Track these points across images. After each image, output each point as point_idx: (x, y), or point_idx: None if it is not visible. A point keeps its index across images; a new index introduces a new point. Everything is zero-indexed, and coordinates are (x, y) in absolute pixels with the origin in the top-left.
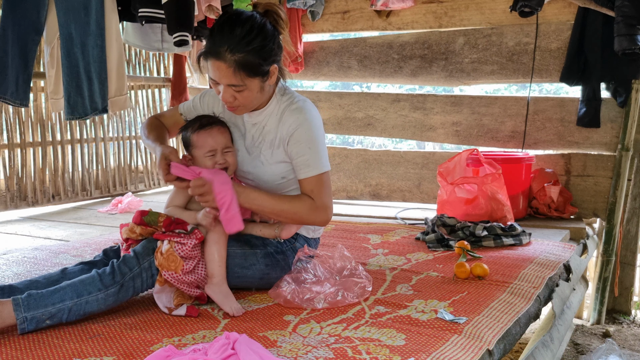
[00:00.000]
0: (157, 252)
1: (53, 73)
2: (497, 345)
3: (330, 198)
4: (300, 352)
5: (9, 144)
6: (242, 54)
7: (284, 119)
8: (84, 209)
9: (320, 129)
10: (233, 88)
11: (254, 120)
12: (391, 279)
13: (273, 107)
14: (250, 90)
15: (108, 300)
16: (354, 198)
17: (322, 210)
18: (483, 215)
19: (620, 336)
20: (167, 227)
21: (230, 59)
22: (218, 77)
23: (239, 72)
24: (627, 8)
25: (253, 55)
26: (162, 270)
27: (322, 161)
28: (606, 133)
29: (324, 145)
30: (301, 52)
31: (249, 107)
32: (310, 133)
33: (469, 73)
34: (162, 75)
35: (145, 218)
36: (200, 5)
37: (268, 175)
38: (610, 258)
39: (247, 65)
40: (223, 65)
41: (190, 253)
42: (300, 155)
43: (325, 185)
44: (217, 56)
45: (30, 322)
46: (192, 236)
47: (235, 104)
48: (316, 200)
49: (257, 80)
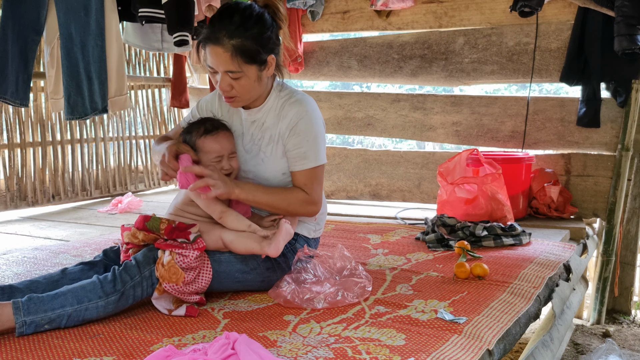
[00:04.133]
0: (158, 264)
1: (53, 73)
2: (497, 345)
3: (322, 191)
4: (300, 352)
5: (9, 144)
6: (240, 39)
7: (283, 112)
8: (84, 209)
9: (319, 122)
10: (230, 75)
11: (253, 118)
12: (391, 279)
13: (272, 103)
14: (248, 78)
15: (108, 308)
16: (354, 198)
17: (314, 204)
18: (483, 215)
19: (620, 336)
20: (169, 235)
21: (228, 43)
22: (216, 63)
23: (236, 58)
24: (627, 8)
25: (251, 41)
26: (163, 282)
27: (319, 154)
28: (606, 133)
29: (324, 139)
30: (301, 52)
31: (245, 98)
32: (310, 126)
33: (469, 73)
34: (162, 75)
35: (147, 224)
36: (200, 5)
37: (269, 173)
38: (610, 258)
39: (245, 50)
40: (220, 49)
41: (192, 264)
42: (297, 147)
43: (318, 178)
44: (216, 41)
45: (29, 326)
46: (194, 246)
47: (232, 93)
48: (310, 194)
49: (254, 68)
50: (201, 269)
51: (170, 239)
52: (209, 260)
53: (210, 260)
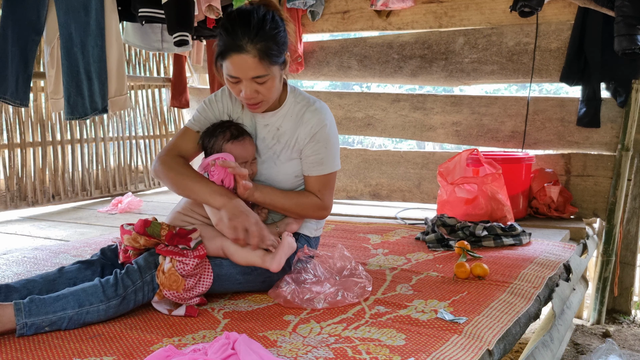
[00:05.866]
0: (158, 271)
1: (53, 73)
2: (497, 345)
3: (332, 197)
4: (300, 352)
5: (9, 144)
6: (263, 42)
7: (304, 119)
8: (84, 209)
9: (336, 130)
10: (257, 80)
11: (267, 122)
12: (391, 279)
13: (288, 108)
14: (273, 79)
15: (109, 312)
16: (354, 198)
17: (325, 210)
18: (483, 215)
19: (620, 336)
20: (170, 242)
21: (254, 49)
22: (243, 71)
23: (263, 61)
24: (627, 8)
25: (272, 41)
26: (164, 289)
27: (335, 161)
28: (606, 133)
29: (338, 145)
30: (301, 52)
31: (269, 100)
32: (330, 134)
33: (469, 73)
34: (162, 75)
35: (148, 229)
36: (200, 5)
37: (281, 176)
38: (610, 258)
39: (269, 52)
40: (247, 57)
41: (193, 271)
42: (315, 154)
43: (331, 184)
44: (240, 50)
45: (29, 327)
46: (195, 253)
47: (258, 99)
48: (322, 200)
49: (277, 68)
50: (202, 274)
51: (171, 245)
52: (210, 265)
53: (211, 264)
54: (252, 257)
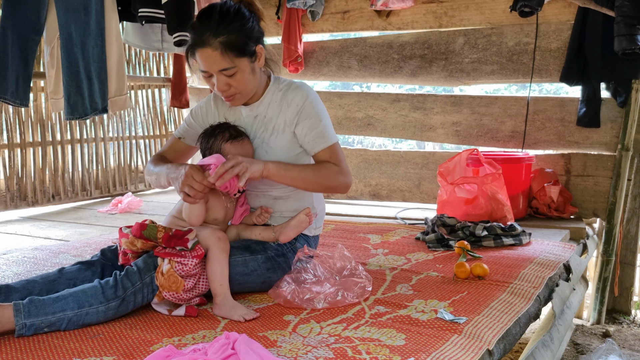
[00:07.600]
0: (157, 273)
1: (53, 73)
2: (497, 345)
3: (347, 164)
4: (300, 352)
5: (9, 144)
6: (225, 35)
7: (287, 99)
8: (84, 209)
9: (322, 104)
10: (225, 73)
11: (255, 113)
12: (391, 279)
13: (271, 95)
14: (242, 72)
15: (108, 313)
16: (354, 198)
17: (345, 175)
18: (483, 215)
19: (620, 336)
20: (167, 244)
21: (215, 42)
22: (208, 65)
23: (226, 53)
24: (627, 8)
25: (236, 34)
26: (163, 291)
27: (332, 132)
28: (606, 133)
29: (329, 119)
30: (301, 52)
31: (244, 93)
32: (318, 107)
33: (469, 73)
34: (162, 75)
35: (144, 232)
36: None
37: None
38: (610, 258)
39: (233, 44)
40: (210, 50)
41: (192, 272)
42: (313, 129)
43: (340, 152)
44: (202, 44)
45: (29, 328)
46: (193, 253)
47: (231, 91)
48: (339, 165)
49: (246, 61)
50: (201, 274)
51: (168, 247)
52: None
53: None
54: (262, 231)
